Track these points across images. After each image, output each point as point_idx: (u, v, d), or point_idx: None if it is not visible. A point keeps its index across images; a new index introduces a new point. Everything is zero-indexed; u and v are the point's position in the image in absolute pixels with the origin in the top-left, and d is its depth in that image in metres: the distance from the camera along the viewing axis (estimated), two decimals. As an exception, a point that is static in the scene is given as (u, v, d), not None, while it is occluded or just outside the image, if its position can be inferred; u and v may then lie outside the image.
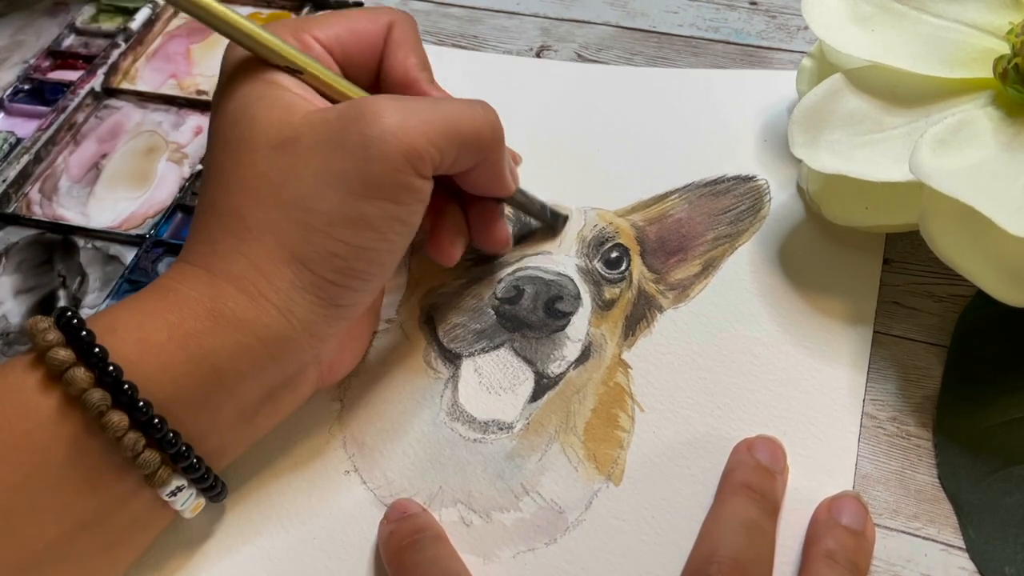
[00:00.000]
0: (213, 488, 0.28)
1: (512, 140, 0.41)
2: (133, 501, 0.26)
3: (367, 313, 0.32)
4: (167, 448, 0.26)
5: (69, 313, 0.25)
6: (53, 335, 0.25)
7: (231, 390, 0.27)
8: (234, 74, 0.29)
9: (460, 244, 0.34)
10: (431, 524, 0.30)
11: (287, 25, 0.30)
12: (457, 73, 0.45)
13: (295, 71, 0.29)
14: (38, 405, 0.25)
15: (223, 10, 0.27)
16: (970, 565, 0.28)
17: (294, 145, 0.27)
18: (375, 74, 0.32)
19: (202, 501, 0.28)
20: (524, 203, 0.35)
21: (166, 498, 0.27)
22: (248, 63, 0.29)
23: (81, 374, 0.24)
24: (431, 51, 0.42)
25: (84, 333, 0.25)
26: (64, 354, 0.25)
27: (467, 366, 0.34)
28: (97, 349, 0.25)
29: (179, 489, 0.27)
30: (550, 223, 0.37)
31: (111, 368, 0.25)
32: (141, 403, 0.25)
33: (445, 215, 0.33)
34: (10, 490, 0.24)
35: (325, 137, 0.27)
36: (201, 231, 0.28)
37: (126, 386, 0.25)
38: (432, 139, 0.27)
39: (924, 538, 0.28)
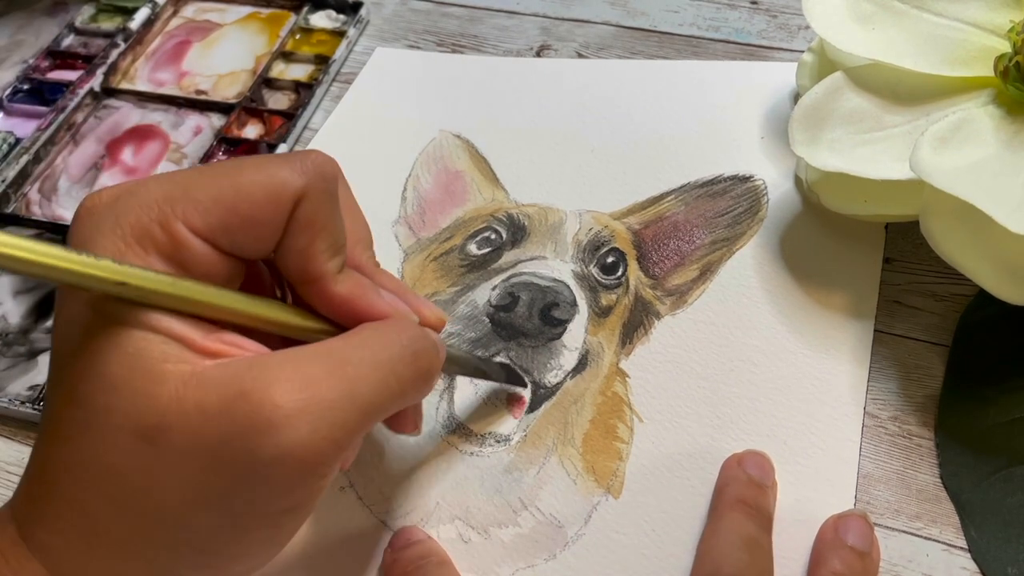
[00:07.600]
0: None
1: (504, 141, 0.41)
2: None
3: None
4: None
5: None
6: None
7: None
8: (70, 302, 0.22)
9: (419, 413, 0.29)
10: (436, 550, 0.29)
11: (151, 209, 0.22)
12: (446, 78, 0.44)
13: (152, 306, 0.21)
14: None
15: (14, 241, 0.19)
16: (972, 565, 0.28)
17: (162, 438, 0.20)
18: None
19: None
20: (485, 372, 0.31)
21: None
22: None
23: None
24: (423, 56, 0.41)
25: None
26: None
27: (463, 376, 0.33)
28: None
29: None
30: (510, 381, 0.32)
31: None
32: None
33: None
34: None
35: (201, 442, 0.20)
36: (49, 512, 0.22)
37: None
38: (343, 439, 0.22)
39: (926, 538, 0.28)
